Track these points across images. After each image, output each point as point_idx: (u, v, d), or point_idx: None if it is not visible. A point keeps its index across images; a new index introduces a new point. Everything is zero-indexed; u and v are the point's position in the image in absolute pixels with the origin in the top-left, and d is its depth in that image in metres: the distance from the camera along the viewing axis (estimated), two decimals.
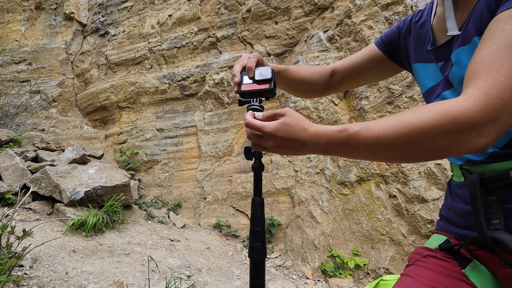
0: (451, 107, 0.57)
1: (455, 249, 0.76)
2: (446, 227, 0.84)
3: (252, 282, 0.75)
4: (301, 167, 3.58)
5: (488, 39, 0.60)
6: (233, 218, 3.87)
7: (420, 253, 0.82)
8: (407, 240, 2.81)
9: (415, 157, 0.63)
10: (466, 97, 0.57)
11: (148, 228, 3.62)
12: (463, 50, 0.71)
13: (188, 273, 2.68)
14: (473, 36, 0.69)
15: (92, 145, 5.02)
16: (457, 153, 0.60)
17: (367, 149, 0.63)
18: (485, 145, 0.56)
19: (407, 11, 3.21)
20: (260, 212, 0.77)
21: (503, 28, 0.59)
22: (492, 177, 0.69)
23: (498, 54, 0.57)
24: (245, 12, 4.38)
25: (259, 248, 0.75)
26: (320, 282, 2.95)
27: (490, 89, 0.55)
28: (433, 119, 0.57)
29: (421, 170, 2.85)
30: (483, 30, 0.66)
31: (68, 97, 5.51)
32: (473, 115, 0.55)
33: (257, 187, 0.79)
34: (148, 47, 5.01)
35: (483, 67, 0.58)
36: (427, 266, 0.77)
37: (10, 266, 1.89)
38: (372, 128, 0.62)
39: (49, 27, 5.77)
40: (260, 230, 0.76)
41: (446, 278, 0.73)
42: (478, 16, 0.69)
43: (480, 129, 0.55)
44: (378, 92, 3.24)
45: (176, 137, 4.60)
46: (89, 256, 2.75)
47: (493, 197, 0.68)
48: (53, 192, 3.50)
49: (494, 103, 0.54)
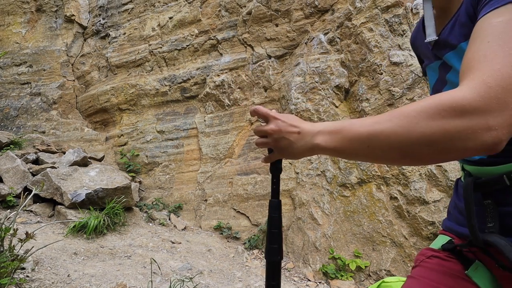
0: (445, 96, 0.55)
1: (457, 249, 0.77)
2: (449, 226, 0.85)
3: (268, 283, 0.75)
4: (302, 169, 3.58)
5: (477, 36, 0.59)
6: (234, 220, 3.87)
7: (425, 254, 0.83)
8: (408, 242, 2.82)
9: (414, 152, 0.57)
10: (461, 87, 0.54)
11: (149, 231, 3.62)
12: (453, 54, 0.73)
13: (189, 275, 2.68)
14: (460, 42, 0.70)
15: (92, 147, 5.02)
16: (465, 150, 0.54)
17: (361, 140, 0.61)
18: (496, 140, 0.51)
19: (407, 13, 3.23)
20: (278, 214, 0.78)
21: (490, 23, 0.58)
22: (488, 181, 0.69)
23: (489, 46, 0.55)
24: (246, 14, 4.40)
25: (276, 250, 0.76)
26: (322, 284, 2.95)
27: (487, 78, 0.52)
28: (426, 107, 0.55)
29: (421, 172, 2.86)
30: (468, 37, 0.65)
31: (68, 99, 5.51)
32: (470, 102, 0.51)
33: (274, 189, 0.80)
34: (149, 50, 5.02)
35: (475, 60, 0.56)
36: (431, 267, 0.78)
37: (12, 269, 1.89)
38: (368, 119, 0.61)
39: (50, 30, 5.78)
40: (278, 232, 0.77)
41: (449, 277, 0.74)
42: (462, 23, 0.70)
43: (486, 120, 0.50)
44: (378, 94, 3.25)
45: (177, 139, 4.61)
46: (91, 258, 2.75)
47: (489, 200, 0.68)
48: (54, 194, 3.50)
49: (495, 91, 0.51)
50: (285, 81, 3.99)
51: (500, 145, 0.52)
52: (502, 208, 0.68)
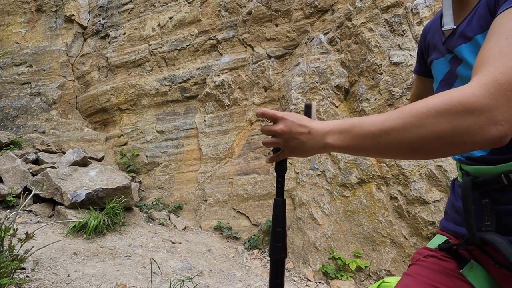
0: (455, 93, 0.56)
1: (453, 249, 0.78)
2: (446, 226, 0.87)
3: (272, 281, 0.76)
4: (302, 169, 3.58)
5: (495, 32, 0.60)
6: (234, 220, 3.87)
7: (421, 253, 0.85)
8: (408, 242, 2.82)
9: (424, 146, 0.58)
10: (472, 84, 0.56)
11: (149, 231, 3.62)
12: (466, 47, 0.73)
13: (189, 275, 2.68)
14: (476, 34, 0.70)
15: (92, 147, 5.02)
16: (472, 144, 0.55)
17: (372, 137, 0.62)
18: (502, 134, 0.53)
19: (407, 13, 3.23)
20: (282, 213, 0.79)
21: (510, 20, 0.58)
22: (485, 181, 0.71)
23: (506, 43, 0.56)
24: (246, 14, 4.40)
25: (280, 248, 0.77)
26: (322, 284, 2.95)
27: (499, 75, 0.53)
28: (436, 103, 0.56)
29: (422, 172, 2.86)
30: (485, 29, 0.67)
31: (68, 99, 5.51)
32: (479, 99, 0.53)
33: (279, 188, 0.81)
34: (149, 50, 5.02)
35: (490, 55, 0.57)
36: (427, 265, 0.80)
37: (12, 269, 1.89)
38: (378, 117, 0.63)
39: (50, 30, 5.78)
40: (282, 230, 0.78)
41: (445, 276, 0.75)
42: (480, 15, 0.70)
43: (493, 116, 0.52)
44: (378, 94, 3.25)
45: (177, 139, 4.61)
46: (91, 258, 2.75)
47: (487, 199, 0.70)
48: (54, 194, 3.50)
49: (504, 88, 0.52)
50: (285, 81, 3.99)
51: (506, 139, 0.54)
52: (499, 207, 0.69)
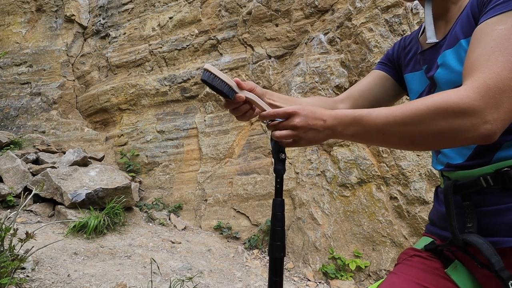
0: (452, 94, 0.62)
1: (438, 249, 0.82)
2: (431, 230, 0.91)
3: (271, 280, 0.78)
4: (302, 169, 3.58)
5: (481, 40, 0.66)
6: (234, 220, 3.87)
7: (408, 253, 0.88)
8: (408, 242, 2.82)
9: (422, 140, 0.66)
10: (465, 87, 0.62)
11: (149, 230, 3.62)
12: (449, 52, 0.77)
13: (189, 275, 2.68)
14: (459, 39, 0.75)
15: (92, 147, 5.02)
16: (465, 140, 0.63)
17: (377, 129, 0.69)
18: (491, 132, 0.60)
19: (407, 13, 3.23)
20: (281, 212, 0.81)
21: (494, 29, 0.64)
22: (465, 184, 0.75)
23: (492, 51, 0.62)
24: (246, 14, 4.40)
25: (279, 247, 0.79)
26: (322, 284, 2.96)
27: (487, 80, 0.60)
28: (436, 102, 0.63)
29: (422, 172, 2.86)
30: (468, 35, 0.72)
31: (68, 99, 5.51)
32: (473, 101, 0.60)
33: (278, 188, 0.83)
34: (149, 49, 5.02)
35: (479, 63, 0.63)
36: (412, 265, 0.83)
37: (12, 269, 1.89)
38: (383, 110, 0.69)
39: (50, 30, 5.78)
40: (281, 229, 0.80)
41: (429, 275, 0.79)
42: (463, 22, 0.75)
43: (483, 116, 0.59)
44: None
45: (177, 139, 4.61)
46: (91, 258, 2.75)
47: (468, 202, 0.74)
48: (54, 194, 3.50)
49: (493, 91, 0.59)
50: (285, 81, 3.99)
51: (495, 136, 0.61)
52: (480, 209, 0.73)
